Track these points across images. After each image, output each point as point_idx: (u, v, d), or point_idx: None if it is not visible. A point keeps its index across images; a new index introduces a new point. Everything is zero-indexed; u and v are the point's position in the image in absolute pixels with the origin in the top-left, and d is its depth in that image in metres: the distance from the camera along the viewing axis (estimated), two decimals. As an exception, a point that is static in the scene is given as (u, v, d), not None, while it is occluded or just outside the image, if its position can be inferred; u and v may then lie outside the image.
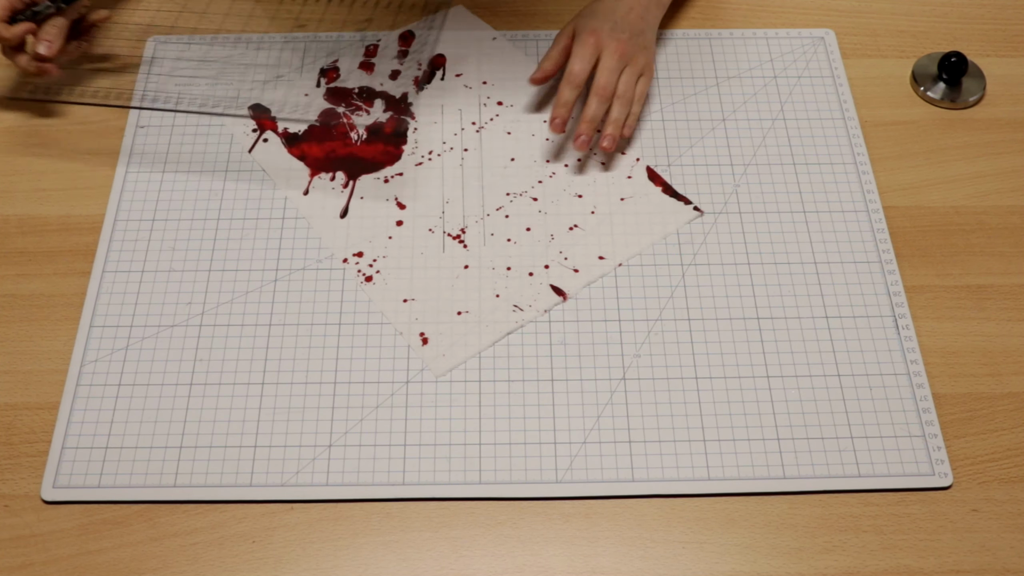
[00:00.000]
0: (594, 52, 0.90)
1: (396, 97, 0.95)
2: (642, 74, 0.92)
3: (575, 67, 0.90)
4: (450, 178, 0.90)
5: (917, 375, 0.79)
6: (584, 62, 0.90)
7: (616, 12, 0.92)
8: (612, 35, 0.90)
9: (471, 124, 0.94)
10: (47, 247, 0.86)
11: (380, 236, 0.86)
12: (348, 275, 0.84)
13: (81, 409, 0.77)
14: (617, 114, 0.90)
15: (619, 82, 0.90)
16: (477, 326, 0.81)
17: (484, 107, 0.95)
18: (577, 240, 0.86)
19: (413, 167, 0.91)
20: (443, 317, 0.82)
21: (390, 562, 0.71)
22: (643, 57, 0.92)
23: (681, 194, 0.89)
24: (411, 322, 0.82)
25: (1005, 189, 0.91)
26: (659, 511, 0.73)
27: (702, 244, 0.86)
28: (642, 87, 0.92)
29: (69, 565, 0.71)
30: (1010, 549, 0.72)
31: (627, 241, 0.86)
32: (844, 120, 0.95)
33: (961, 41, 1.02)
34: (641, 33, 0.92)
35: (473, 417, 0.77)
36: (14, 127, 0.94)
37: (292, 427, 0.76)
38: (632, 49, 0.91)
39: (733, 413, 0.77)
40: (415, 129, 0.93)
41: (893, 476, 0.75)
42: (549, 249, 0.86)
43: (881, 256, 0.86)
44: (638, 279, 0.84)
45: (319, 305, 0.83)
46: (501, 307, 0.82)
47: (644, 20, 0.93)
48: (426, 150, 0.92)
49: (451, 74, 0.98)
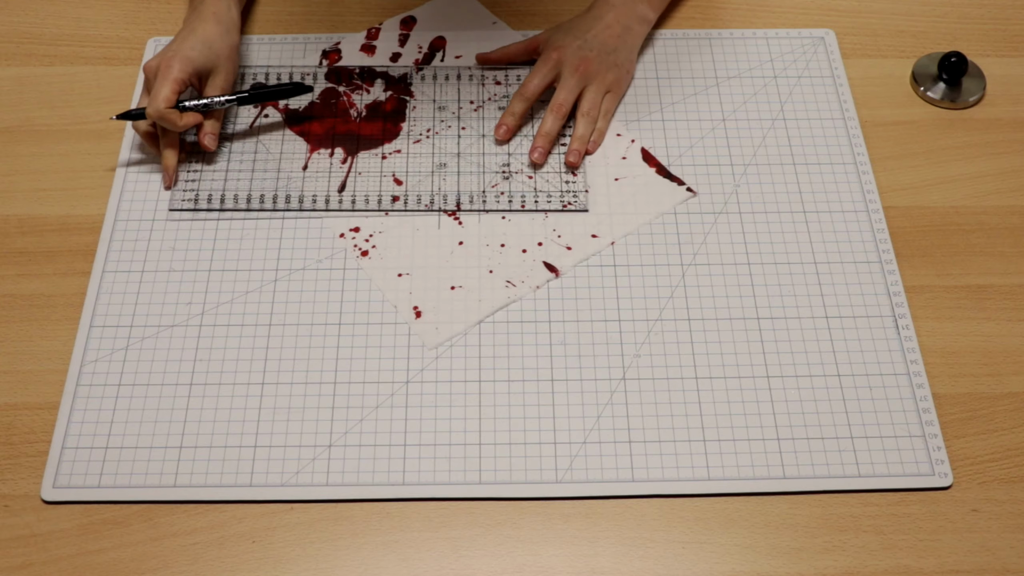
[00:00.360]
0: (553, 68, 0.91)
1: (396, 77, 0.96)
2: (609, 91, 0.92)
3: (531, 82, 0.91)
4: (447, 156, 0.91)
5: (917, 375, 0.79)
6: (541, 78, 0.91)
7: (591, 30, 0.93)
8: (578, 52, 0.91)
9: (469, 103, 0.94)
10: (47, 247, 0.86)
11: (376, 212, 0.87)
12: (348, 275, 0.84)
13: (81, 409, 0.77)
14: (582, 130, 0.91)
15: (583, 99, 0.91)
16: (470, 302, 0.82)
17: (482, 87, 0.95)
18: (571, 218, 0.87)
19: (411, 144, 0.91)
20: (437, 292, 0.83)
21: (390, 562, 0.71)
22: (611, 74, 0.92)
23: (675, 175, 0.90)
24: (405, 296, 0.82)
25: (1005, 189, 0.91)
26: (659, 511, 0.73)
27: (702, 244, 0.86)
28: (608, 104, 0.93)
29: (69, 565, 0.71)
30: (1010, 549, 0.72)
31: (621, 220, 0.87)
32: (844, 120, 0.95)
33: (961, 41, 1.02)
34: (614, 51, 0.93)
35: (473, 417, 0.77)
36: (14, 127, 0.94)
37: (292, 427, 0.76)
38: (597, 67, 0.91)
39: (733, 413, 0.77)
40: (414, 108, 0.94)
41: (893, 476, 0.75)
42: (543, 226, 0.86)
43: (881, 256, 0.86)
44: (638, 279, 0.84)
45: (319, 305, 0.83)
46: (494, 283, 0.83)
47: (621, 39, 0.93)
48: (424, 128, 0.92)
49: (451, 55, 0.98)
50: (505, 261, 0.85)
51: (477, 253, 0.85)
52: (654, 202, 0.89)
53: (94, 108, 0.95)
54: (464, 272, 0.84)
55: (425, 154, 0.91)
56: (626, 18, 0.94)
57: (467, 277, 0.84)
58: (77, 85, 0.97)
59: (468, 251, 0.85)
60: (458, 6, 1.03)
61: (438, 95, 0.95)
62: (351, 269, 0.85)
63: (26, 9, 1.03)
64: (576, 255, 0.85)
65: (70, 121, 0.95)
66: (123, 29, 1.02)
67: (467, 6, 1.03)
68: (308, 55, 0.99)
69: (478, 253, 0.85)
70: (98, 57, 1.00)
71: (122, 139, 0.93)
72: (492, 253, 0.85)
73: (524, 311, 0.82)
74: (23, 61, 0.99)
